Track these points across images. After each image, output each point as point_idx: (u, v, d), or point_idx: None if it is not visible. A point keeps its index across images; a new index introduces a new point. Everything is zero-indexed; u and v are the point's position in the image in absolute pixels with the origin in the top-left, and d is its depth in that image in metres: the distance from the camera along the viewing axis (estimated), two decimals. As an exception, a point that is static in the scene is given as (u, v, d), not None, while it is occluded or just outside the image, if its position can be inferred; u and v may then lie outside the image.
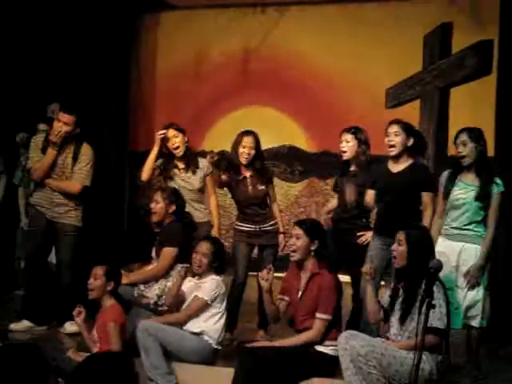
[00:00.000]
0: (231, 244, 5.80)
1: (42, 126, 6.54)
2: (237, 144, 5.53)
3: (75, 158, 5.74)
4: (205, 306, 4.74)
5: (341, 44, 7.38)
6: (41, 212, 5.73)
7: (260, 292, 5.51)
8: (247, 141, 5.50)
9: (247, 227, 5.61)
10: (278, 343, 4.67)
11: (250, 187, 5.56)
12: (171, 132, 5.60)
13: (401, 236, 4.38)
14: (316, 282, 4.55)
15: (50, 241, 5.83)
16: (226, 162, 5.59)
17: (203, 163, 5.70)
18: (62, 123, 5.63)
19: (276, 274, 6.01)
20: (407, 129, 5.01)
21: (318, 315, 4.48)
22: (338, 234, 5.34)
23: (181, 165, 5.68)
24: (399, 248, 4.37)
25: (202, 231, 5.50)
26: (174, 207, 5.28)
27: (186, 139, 5.65)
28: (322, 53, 7.45)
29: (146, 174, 5.68)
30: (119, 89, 7.62)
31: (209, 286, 4.77)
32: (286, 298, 4.71)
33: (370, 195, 5.16)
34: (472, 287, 4.73)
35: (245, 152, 5.49)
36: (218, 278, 4.82)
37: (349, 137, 5.36)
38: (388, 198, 4.99)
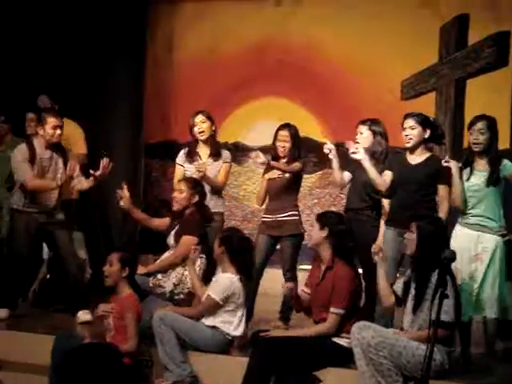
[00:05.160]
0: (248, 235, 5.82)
1: (30, 115, 6.52)
2: (274, 138, 5.66)
3: (65, 163, 5.69)
4: (216, 305, 4.76)
5: (356, 35, 7.35)
6: (31, 216, 5.67)
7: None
8: (282, 135, 5.60)
9: (266, 217, 5.67)
10: (291, 333, 4.71)
11: (277, 174, 5.61)
12: (199, 117, 5.74)
13: (413, 225, 4.41)
14: (330, 275, 4.59)
15: (41, 239, 5.88)
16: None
17: (224, 153, 5.82)
18: (56, 128, 5.61)
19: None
20: (423, 121, 5.00)
21: (331, 309, 4.51)
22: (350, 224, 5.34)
23: (205, 152, 5.77)
24: (411, 235, 4.40)
25: (214, 221, 5.55)
26: (197, 197, 5.33)
27: (214, 128, 5.79)
28: (337, 44, 7.43)
29: None
30: (135, 80, 7.63)
31: (220, 286, 4.78)
32: (307, 290, 4.75)
33: (388, 175, 5.13)
34: (490, 277, 4.74)
35: (279, 145, 5.59)
36: (232, 276, 4.81)
37: (363, 128, 5.41)
38: (405, 190, 4.98)
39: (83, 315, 5.60)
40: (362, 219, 5.33)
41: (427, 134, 5.00)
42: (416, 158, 5.03)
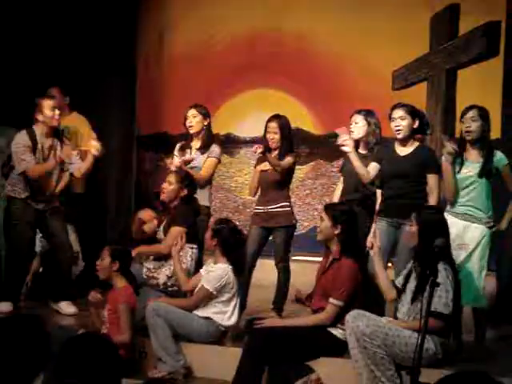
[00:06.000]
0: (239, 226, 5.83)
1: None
2: (264, 130, 5.66)
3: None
4: (210, 295, 4.79)
5: (347, 26, 7.36)
6: (28, 204, 5.70)
7: (279, 275, 5.56)
8: (271, 126, 5.60)
9: (258, 209, 5.68)
10: (287, 322, 4.73)
11: (269, 167, 5.60)
12: (191, 111, 5.76)
13: (412, 217, 4.42)
14: (335, 267, 4.60)
15: (37, 227, 5.89)
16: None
17: (213, 147, 5.79)
18: (54, 108, 5.64)
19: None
20: (412, 112, 5.01)
21: (331, 300, 4.53)
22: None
23: (196, 144, 5.79)
24: (411, 228, 4.41)
25: (200, 214, 5.58)
26: (185, 192, 5.34)
27: (206, 123, 5.77)
28: (328, 35, 7.44)
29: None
30: (127, 71, 7.62)
31: (214, 276, 4.81)
32: None
33: (373, 167, 5.14)
34: (475, 267, 4.77)
35: (269, 137, 5.59)
36: (225, 266, 4.84)
37: (358, 118, 5.43)
38: (395, 182, 5.00)
39: (67, 307, 5.67)
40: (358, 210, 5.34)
41: (416, 125, 5.02)
42: (405, 150, 5.04)
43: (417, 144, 5.05)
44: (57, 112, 5.66)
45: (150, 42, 8.06)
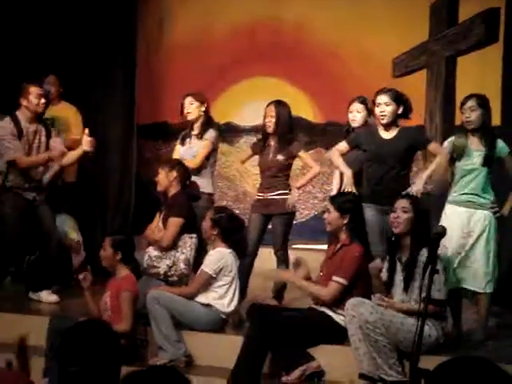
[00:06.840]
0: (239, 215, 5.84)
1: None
2: (264, 114, 5.67)
3: (48, 136, 5.73)
4: (210, 279, 4.80)
5: (346, 13, 7.34)
6: (19, 194, 5.64)
7: (278, 263, 5.57)
8: (268, 110, 5.61)
9: (259, 196, 5.69)
10: (294, 278, 4.79)
11: (271, 155, 5.61)
12: (188, 99, 5.80)
13: (405, 203, 4.41)
14: (342, 252, 4.63)
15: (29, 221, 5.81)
16: None
17: (209, 132, 5.79)
18: (41, 96, 5.60)
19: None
20: (397, 98, 5.02)
21: (334, 277, 4.55)
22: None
23: (195, 131, 5.81)
24: (404, 215, 4.40)
25: (201, 201, 5.59)
26: (174, 174, 5.34)
27: (203, 109, 5.81)
28: (328, 23, 7.41)
29: None
30: (126, 60, 7.58)
31: (211, 259, 4.84)
32: None
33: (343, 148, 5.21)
34: (482, 253, 4.78)
35: (266, 121, 5.60)
36: (223, 249, 4.86)
37: (359, 107, 5.42)
38: (381, 166, 5.00)
39: (48, 296, 5.67)
40: None
41: (400, 110, 5.03)
42: (390, 133, 5.07)
43: (399, 127, 5.08)
44: (42, 100, 5.61)
45: (150, 31, 8.02)
